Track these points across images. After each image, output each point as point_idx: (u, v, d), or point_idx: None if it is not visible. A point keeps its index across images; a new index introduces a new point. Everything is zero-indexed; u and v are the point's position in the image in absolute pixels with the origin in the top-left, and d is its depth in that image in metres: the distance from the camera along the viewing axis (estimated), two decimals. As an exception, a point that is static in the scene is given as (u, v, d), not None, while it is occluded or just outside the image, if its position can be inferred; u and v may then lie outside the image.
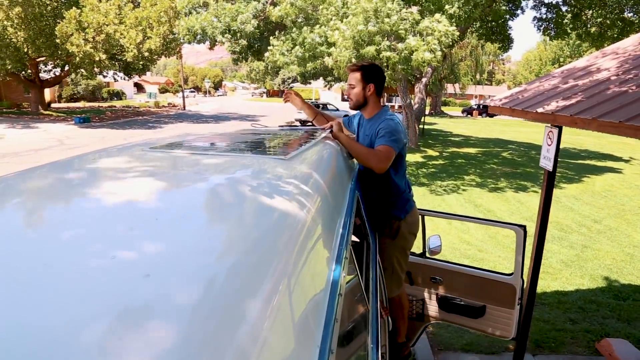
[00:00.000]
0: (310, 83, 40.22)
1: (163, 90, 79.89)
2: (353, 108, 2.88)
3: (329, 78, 26.50)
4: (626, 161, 17.83)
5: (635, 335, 4.73)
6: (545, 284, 5.96)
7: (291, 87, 79.11)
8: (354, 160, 2.66)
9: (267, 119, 30.89)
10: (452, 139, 25.39)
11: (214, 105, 53.23)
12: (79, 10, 23.62)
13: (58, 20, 24.20)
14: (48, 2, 24.56)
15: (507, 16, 16.15)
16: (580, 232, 8.47)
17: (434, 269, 3.65)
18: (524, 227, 3.30)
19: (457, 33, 10.77)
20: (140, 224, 0.85)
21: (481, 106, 51.46)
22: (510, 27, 17.06)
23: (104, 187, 1.16)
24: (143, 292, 0.59)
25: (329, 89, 36.88)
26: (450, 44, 11.07)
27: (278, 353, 0.64)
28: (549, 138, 3.68)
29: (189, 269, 0.69)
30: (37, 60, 28.53)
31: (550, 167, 3.67)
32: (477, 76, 46.14)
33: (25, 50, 24.72)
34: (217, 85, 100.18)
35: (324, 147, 2.11)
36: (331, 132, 2.64)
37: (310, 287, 0.89)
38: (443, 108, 54.34)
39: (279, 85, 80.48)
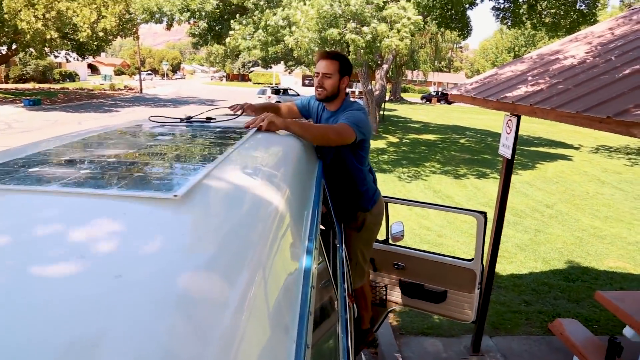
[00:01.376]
0: (271, 67, 39.77)
1: (119, 73, 77.35)
2: (323, 99, 2.69)
3: (290, 62, 26.23)
4: (576, 148, 18.58)
5: (583, 315, 4.98)
6: (501, 268, 6.17)
7: (251, 71, 78.24)
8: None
9: (227, 103, 30.38)
10: (412, 125, 25.75)
11: (172, 89, 51.96)
12: (27, -15, 22.42)
13: (4, -4, 22.93)
14: (-7, -24, 23.20)
15: (467, 5, 16.39)
16: (533, 217, 8.79)
17: (396, 255, 3.70)
18: (484, 214, 3.38)
19: (423, 23, 10.88)
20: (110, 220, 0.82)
21: (440, 93, 52.37)
22: (469, 17, 17.34)
23: None
24: (113, 289, 0.58)
25: (289, 73, 36.52)
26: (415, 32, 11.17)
27: (254, 350, 0.63)
28: (508, 127, 3.77)
29: (160, 266, 0.67)
30: (-18, 38, 26.99)
31: (509, 155, 3.77)
32: (437, 63, 46.79)
33: (-31, 27, 23.35)
34: (175, 68, 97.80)
35: (281, 137, 2.05)
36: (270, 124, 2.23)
37: (283, 281, 0.88)
38: (402, 94, 54.96)
39: (239, 68, 79.32)
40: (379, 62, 17.59)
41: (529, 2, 15.92)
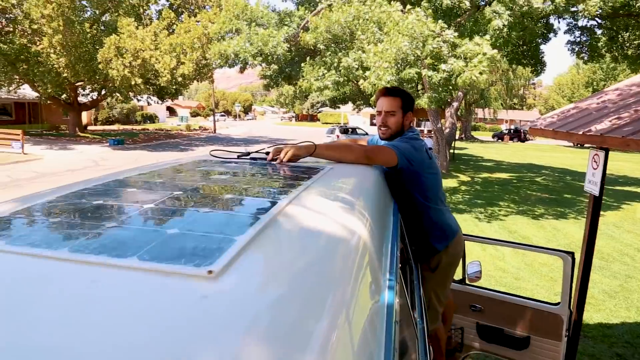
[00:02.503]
0: (339, 107, 40.39)
1: (194, 114, 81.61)
2: (386, 138, 2.55)
3: (358, 102, 26.57)
4: (667, 188, 17.17)
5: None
6: (587, 316, 5.68)
7: (320, 111, 79.91)
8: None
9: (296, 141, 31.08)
10: (484, 163, 24.99)
11: (243, 129, 53.98)
12: (117, 37, 24.46)
13: (97, 47, 25.10)
14: (88, 30, 25.53)
15: (540, 39, 15.95)
16: (622, 262, 8.10)
17: (473, 296, 3.49)
18: (572, 254, 3.13)
19: (499, 57, 10.69)
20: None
21: (512, 131, 50.75)
22: (542, 52, 16.85)
23: None
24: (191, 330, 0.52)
25: (357, 112, 36.98)
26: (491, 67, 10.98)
27: None
28: (595, 161, 3.53)
29: (240, 297, 0.61)
30: (76, 84, 29.56)
31: (596, 192, 3.51)
32: (508, 101, 45.53)
33: (65, 75, 25.64)
34: (247, 110, 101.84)
35: (353, 172, 1.99)
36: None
37: (367, 316, 0.81)
38: (473, 133, 53.80)
39: (308, 109, 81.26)
40: (448, 99, 17.38)
41: (609, 34, 15.25)
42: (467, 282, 3.45)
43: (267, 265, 0.79)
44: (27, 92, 32.52)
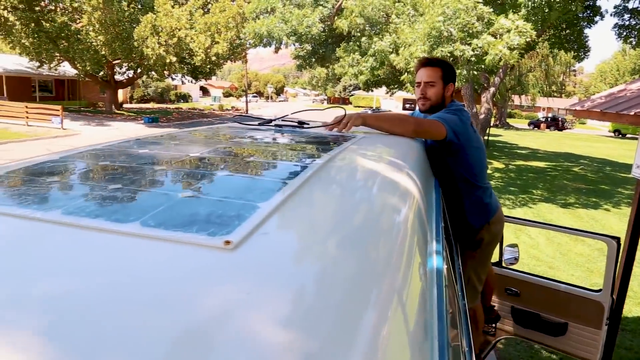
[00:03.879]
0: (372, 91, 40.01)
1: (227, 95, 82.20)
2: (426, 110, 2.47)
3: (392, 86, 26.32)
4: None
5: None
6: (627, 309, 5.49)
7: (352, 95, 79.38)
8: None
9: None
10: (519, 151, 24.41)
11: (275, 110, 54.11)
12: (154, 15, 24.70)
13: (134, 25, 25.41)
14: (126, 8, 25.85)
15: (584, 23, 15.32)
16: (664, 254, 7.81)
17: (509, 279, 3.40)
18: (617, 240, 3.00)
19: (534, 32, 10.27)
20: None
21: (550, 119, 49.30)
22: (586, 36, 16.19)
23: None
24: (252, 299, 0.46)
25: (390, 96, 36.57)
26: (527, 43, 10.53)
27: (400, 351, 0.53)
28: (644, 145, 3.36)
29: (294, 273, 0.55)
30: (113, 62, 30.07)
31: (645, 177, 3.35)
32: (547, 88, 44.11)
33: (103, 52, 26.10)
34: (279, 91, 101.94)
35: (392, 142, 1.93)
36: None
37: (419, 280, 0.76)
38: (508, 120, 52.52)
39: (340, 92, 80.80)
40: (484, 84, 16.95)
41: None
42: (503, 264, 3.37)
43: (295, 236, 0.70)
44: (66, 69, 33.26)
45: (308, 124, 2.13)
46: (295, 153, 1.41)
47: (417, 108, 2.63)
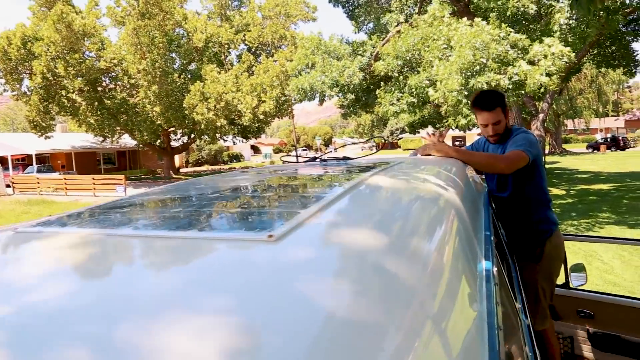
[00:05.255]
0: (418, 132, 39.94)
1: (277, 151, 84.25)
2: (498, 141, 2.75)
3: (438, 125, 26.20)
4: None
5: None
6: None
7: (399, 138, 79.38)
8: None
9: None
10: (579, 176, 23.43)
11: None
12: (202, 83, 26.21)
13: (185, 94, 27.02)
14: (177, 79, 27.60)
15: (630, 37, 14.93)
16: None
17: (581, 301, 3.22)
18: None
19: (573, 54, 10.11)
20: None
21: (609, 139, 47.24)
22: (635, 51, 15.71)
23: None
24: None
25: (438, 136, 36.39)
26: (567, 67, 10.35)
27: None
28: None
29: (298, 261, 0.67)
30: (168, 130, 31.85)
31: None
32: (601, 108, 42.53)
33: (159, 122, 27.76)
34: (328, 142, 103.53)
35: (437, 162, 2.01)
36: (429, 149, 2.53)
37: (465, 322, 0.70)
38: (564, 145, 50.77)
39: (388, 137, 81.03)
40: (533, 112, 16.67)
41: None
42: (571, 286, 3.23)
43: (324, 236, 0.81)
44: (127, 141, 35.55)
45: (352, 158, 2.25)
46: (336, 175, 1.54)
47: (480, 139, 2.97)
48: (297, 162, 2.43)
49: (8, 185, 25.61)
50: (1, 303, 0.61)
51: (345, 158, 2.23)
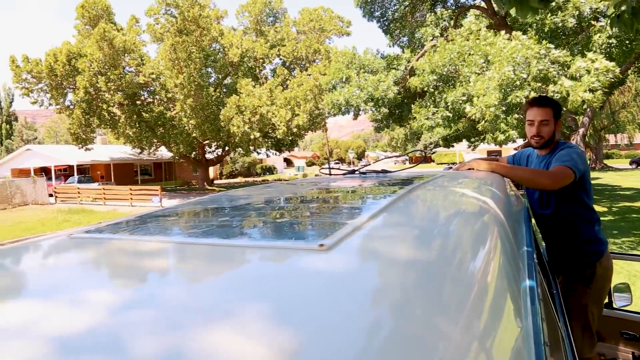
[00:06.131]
0: (452, 146, 39.47)
1: (310, 164, 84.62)
2: (540, 147, 2.64)
3: (473, 139, 25.84)
4: None
5: None
6: None
7: (433, 152, 78.59)
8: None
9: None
10: (621, 192, 22.61)
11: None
12: (237, 97, 26.66)
13: (220, 107, 27.52)
14: (213, 93, 28.16)
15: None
16: None
17: (624, 322, 3.09)
18: None
19: (618, 69, 9.79)
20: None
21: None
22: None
23: None
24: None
25: (472, 150, 35.83)
26: (612, 83, 10.03)
27: None
28: None
29: (348, 269, 0.68)
30: (203, 143, 32.46)
31: None
32: (645, 122, 41.02)
33: (195, 135, 28.33)
34: (360, 156, 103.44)
35: (476, 176, 1.97)
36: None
37: (511, 338, 0.66)
38: (606, 161, 49.17)
39: (421, 151, 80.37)
40: (573, 126, 16.24)
41: None
42: (614, 306, 3.10)
43: (368, 247, 0.83)
44: (163, 153, 36.39)
45: (390, 171, 2.27)
46: (377, 188, 1.58)
47: (523, 150, 2.85)
48: (338, 174, 2.43)
49: (51, 195, 26.52)
50: (56, 304, 0.63)
51: (384, 171, 2.27)
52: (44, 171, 33.36)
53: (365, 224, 0.90)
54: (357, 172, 2.35)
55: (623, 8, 3.88)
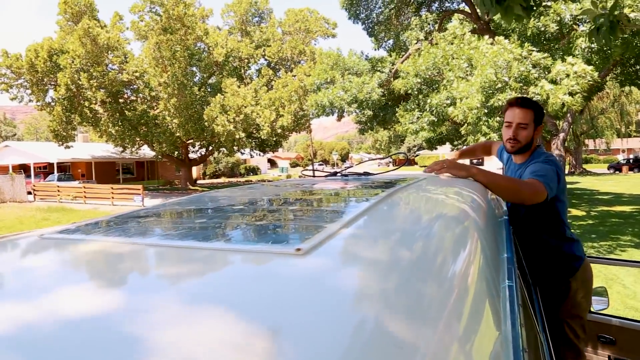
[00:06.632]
0: (436, 149, 39.80)
1: (294, 165, 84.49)
2: (515, 152, 2.44)
3: (456, 142, 26.07)
4: None
5: None
6: None
7: (417, 155, 79.08)
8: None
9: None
10: (600, 197, 23.02)
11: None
12: (222, 96, 26.53)
13: (204, 107, 27.36)
14: (197, 92, 27.98)
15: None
16: None
17: (602, 325, 3.13)
18: None
19: (596, 73, 9.98)
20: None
21: (632, 160, 46.42)
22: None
23: None
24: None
25: (456, 152, 36.15)
26: (591, 87, 10.22)
27: None
28: None
29: (326, 274, 0.67)
30: (187, 142, 32.22)
31: None
32: (624, 129, 41.85)
33: (178, 134, 28.11)
34: (344, 158, 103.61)
35: (457, 180, 1.98)
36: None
37: (490, 342, 0.68)
38: (585, 166, 50.04)
39: (405, 153, 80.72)
40: (553, 131, 16.50)
41: None
42: (592, 310, 3.15)
43: (348, 250, 0.82)
44: (145, 152, 36.01)
45: (373, 174, 2.26)
46: (358, 191, 1.56)
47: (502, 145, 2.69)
48: (320, 176, 2.42)
49: (29, 192, 26.07)
50: (24, 306, 0.61)
51: (366, 173, 2.26)
52: (23, 169, 32.76)
53: (344, 227, 0.90)
54: (339, 174, 2.34)
55: (601, 21, 3.95)
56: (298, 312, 0.52)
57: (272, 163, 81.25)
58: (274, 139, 31.98)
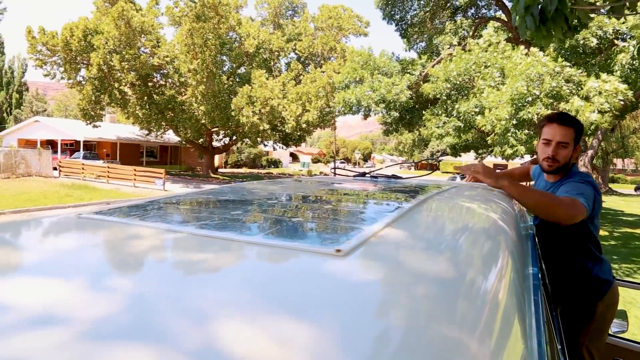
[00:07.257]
0: (460, 156, 39.36)
1: (315, 161, 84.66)
2: (552, 171, 2.27)
3: (481, 150, 25.74)
4: None
5: None
6: None
7: (440, 160, 78.42)
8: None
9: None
10: (624, 218, 22.48)
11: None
12: (250, 87, 26.65)
13: (231, 96, 27.51)
14: (225, 82, 28.16)
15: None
16: None
17: (619, 349, 3.06)
18: None
19: (631, 92, 9.70)
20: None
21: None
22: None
23: None
24: None
25: (480, 161, 35.68)
26: (624, 106, 9.95)
27: None
28: None
29: (365, 276, 0.69)
30: (212, 130, 32.48)
31: None
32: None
33: (204, 121, 28.34)
34: (367, 157, 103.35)
35: (488, 189, 1.93)
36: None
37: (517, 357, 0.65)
38: (611, 185, 48.95)
39: (428, 157, 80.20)
40: (582, 148, 16.16)
41: None
42: (610, 333, 3.07)
43: (386, 252, 0.83)
44: (170, 136, 36.43)
45: (401, 177, 2.25)
46: (392, 194, 1.60)
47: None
48: (348, 175, 2.41)
49: (55, 168, 26.59)
50: (57, 283, 0.63)
51: (395, 176, 2.25)
52: (50, 144, 33.46)
53: (381, 231, 0.91)
54: (367, 175, 2.32)
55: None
56: (337, 312, 0.53)
57: (294, 157, 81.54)
58: (298, 133, 32.02)
